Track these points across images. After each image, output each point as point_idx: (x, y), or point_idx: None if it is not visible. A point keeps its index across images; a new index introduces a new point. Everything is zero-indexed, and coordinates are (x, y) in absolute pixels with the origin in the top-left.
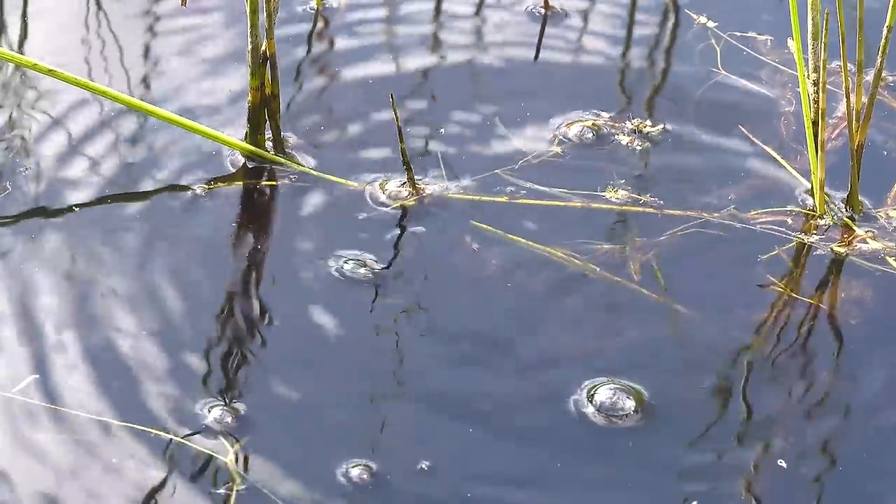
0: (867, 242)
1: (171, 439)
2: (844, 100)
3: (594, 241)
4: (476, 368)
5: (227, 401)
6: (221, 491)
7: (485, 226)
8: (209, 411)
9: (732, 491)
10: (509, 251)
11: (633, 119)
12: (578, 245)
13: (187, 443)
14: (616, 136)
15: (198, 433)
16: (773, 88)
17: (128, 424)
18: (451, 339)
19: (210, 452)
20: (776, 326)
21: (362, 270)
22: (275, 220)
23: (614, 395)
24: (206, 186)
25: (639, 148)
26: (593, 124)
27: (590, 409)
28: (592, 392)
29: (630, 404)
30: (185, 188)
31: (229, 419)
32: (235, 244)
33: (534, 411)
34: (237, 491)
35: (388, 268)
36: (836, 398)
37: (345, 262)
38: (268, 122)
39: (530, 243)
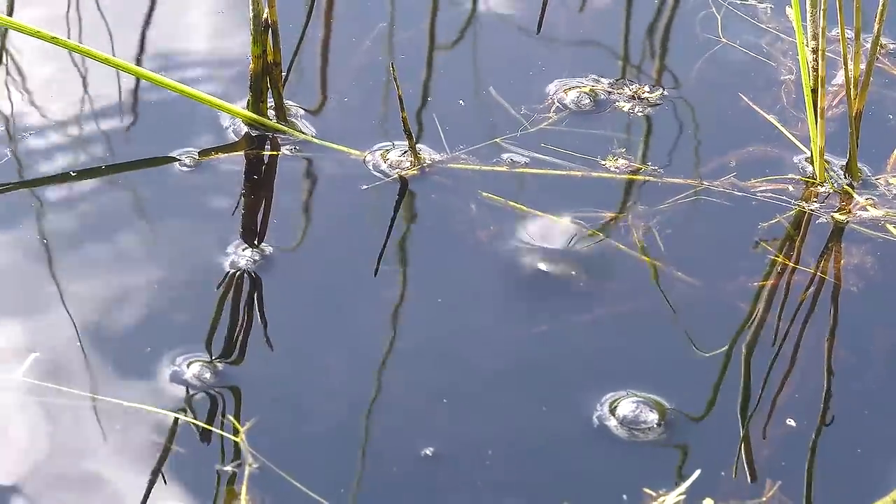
0: (867, 210)
1: (176, 418)
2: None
3: (595, 210)
4: (478, 337)
5: (216, 363)
6: (228, 468)
7: (486, 194)
8: (204, 381)
9: (740, 448)
10: (511, 219)
11: (632, 85)
12: (580, 214)
13: (194, 422)
14: (615, 103)
15: (202, 412)
16: (773, 56)
17: (134, 405)
18: (452, 311)
19: (217, 430)
20: (778, 294)
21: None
22: (276, 188)
23: (637, 408)
24: (197, 157)
25: (632, 115)
26: (591, 90)
27: (612, 422)
28: (615, 406)
29: (653, 417)
30: (175, 159)
31: (230, 393)
32: (236, 212)
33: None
34: (250, 469)
35: (388, 236)
36: (837, 363)
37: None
38: (270, 90)
39: (533, 211)
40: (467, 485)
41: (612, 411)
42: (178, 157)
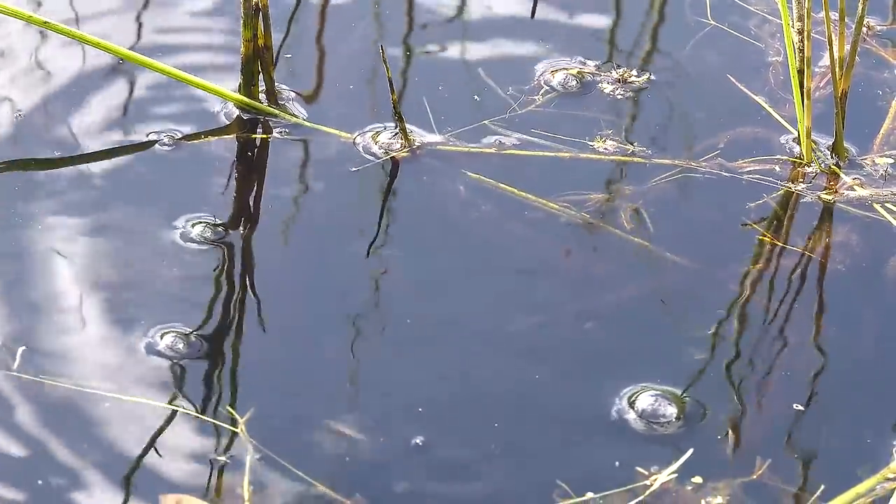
0: (854, 190)
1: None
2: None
3: (584, 191)
4: (469, 322)
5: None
6: (222, 458)
7: (474, 175)
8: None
9: (730, 428)
10: (500, 201)
11: (619, 69)
12: (568, 195)
13: (190, 412)
14: (599, 85)
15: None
16: (761, 38)
17: (133, 399)
18: (442, 297)
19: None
20: (766, 274)
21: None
22: (267, 171)
23: (656, 401)
24: (186, 140)
25: (620, 97)
26: (578, 72)
27: (631, 415)
28: (633, 399)
29: (672, 411)
30: (161, 141)
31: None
32: (227, 194)
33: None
34: (252, 459)
35: (378, 217)
36: (827, 342)
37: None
38: (261, 73)
39: (522, 193)
40: (458, 466)
41: (631, 404)
42: (164, 140)
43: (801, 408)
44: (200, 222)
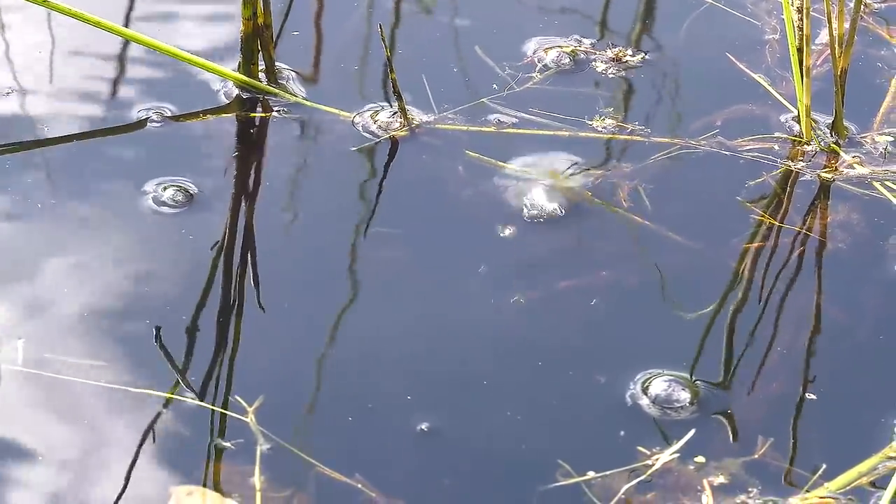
0: (853, 168)
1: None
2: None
3: (583, 169)
4: (468, 300)
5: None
6: (227, 444)
7: (473, 153)
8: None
9: (742, 413)
10: (499, 180)
11: (615, 47)
12: (568, 173)
13: (201, 403)
14: (593, 63)
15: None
16: (758, 16)
17: (142, 390)
18: (441, 275)
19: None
20: (765, 252)
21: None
22: (266, 150)
23: (669, 387)
24: (183, 118)
25: (612, 76)
26: (572, 50)
27: (645, 401)
28: (647, 385)
29: (685, 396)
30: (153, 120)
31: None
32: (226, 174)
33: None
34: (261, 449)
35: (377, 196)
36: (827, 321)
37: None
38: (260, 52)
39: (522, 170)
40: (460, 447)
41: (646, 389)
42: (156, 118)
43: (813, 396)
44: (173, 185)
